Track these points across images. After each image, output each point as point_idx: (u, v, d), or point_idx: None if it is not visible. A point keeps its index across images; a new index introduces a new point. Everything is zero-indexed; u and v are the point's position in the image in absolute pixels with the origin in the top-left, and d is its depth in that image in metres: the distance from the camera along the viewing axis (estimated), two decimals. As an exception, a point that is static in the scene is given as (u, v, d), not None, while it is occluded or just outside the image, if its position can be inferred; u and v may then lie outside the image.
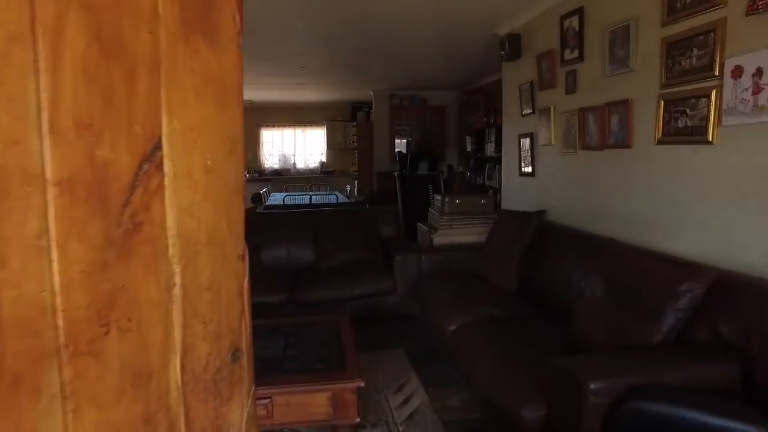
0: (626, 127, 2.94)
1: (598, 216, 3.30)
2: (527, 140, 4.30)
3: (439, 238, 4.27)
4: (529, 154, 4.27)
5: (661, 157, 2.70)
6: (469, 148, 8.24)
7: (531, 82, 4.16)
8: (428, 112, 9.25)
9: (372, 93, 9.11)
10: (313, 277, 3.93)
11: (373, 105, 9.27)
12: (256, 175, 11.06)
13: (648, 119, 2.76)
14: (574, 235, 3.23)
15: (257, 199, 8.47)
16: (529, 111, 4.23)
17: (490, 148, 6.97)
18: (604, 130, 3.17)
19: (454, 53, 5.95)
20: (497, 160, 6.57)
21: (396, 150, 8.68)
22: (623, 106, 2.96)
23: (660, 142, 2.68)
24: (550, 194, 3.99)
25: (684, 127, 2.50)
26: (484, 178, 7.17)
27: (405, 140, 9.06)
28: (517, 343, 2.58)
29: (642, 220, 2.87)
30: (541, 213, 3.49)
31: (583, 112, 3.39)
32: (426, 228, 4.41)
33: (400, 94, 9.11)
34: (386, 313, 3.99)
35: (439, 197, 4.38)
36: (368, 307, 3.91)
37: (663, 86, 2.62)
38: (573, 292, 2.87)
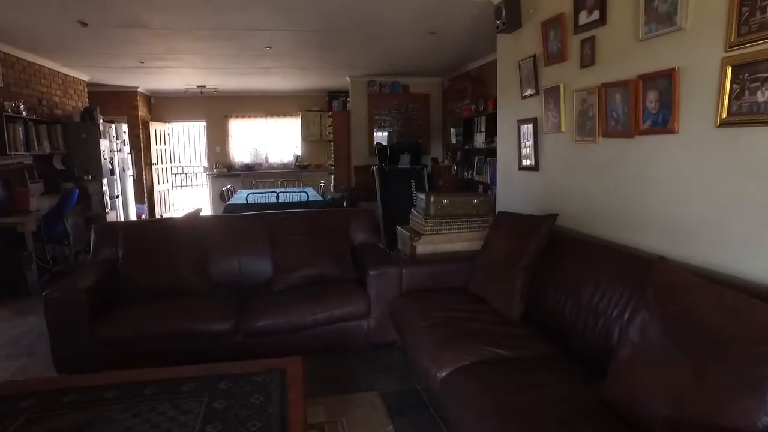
0: (669, 106, 2.21)
1: (628, 222, 2.58)
2: (529, 127, 3.56)
3: (424, 247, 3.52)
4: (531, 143, 3.54)
5: (725, 144, 1.97)
6: (454, 139, 7.51)
7: (534, 57, 3.42)
8: (410, 100, 8.49)
9: (348, 80, 8.31)
10: (267, 298, 3.15)
11: (350, 93, 8.47)
12: (225, 170, 10.21)
13: (704, 94, 2.04)
14: (601, 248, 2.49)
15: (223, 196, 7.64)
16: (532, 92, 3.49)
17: (479, 139, 6.24)
18: (636, 111, 2.44)
19: (439, 28, 5.18)
20: (489, 152, 5.85)
21: (375, 142, 7.90)
22: (665, 78, 2.23)
23: (724, 124, 1.95)
24: (558, 193, 3.27)
25: (765, 102, 1.77)
26: (472, 173, 6.45)
27: (385, 132, 8.29)
28: (532, 400, 1.85)
29: (695, 231, 2.14)
30: (553, 218, 2.75)
31: (605, 89, 2.65)
32: (407, 234, 3.66)
33: (379, 81, 8.34)
34: (358, 341, 3.23)
35: (422, 196, 3.63)
36: (335, 334, 3.15)
37: (731, 46, 1.89)
38: (605, 327, 2.15)
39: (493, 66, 6.47)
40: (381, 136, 8.33)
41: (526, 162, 3.67)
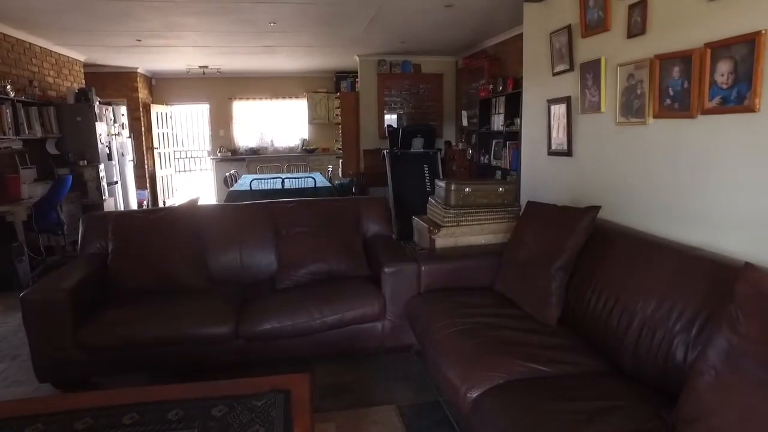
0: (750, 79, 1.84)
1: (685, 217, 2.23)
2: (561, 107, 3.19)
3: (443, 240, 3.18)
4: (564, 125, 3.17)
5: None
6: (467, 121, 7.12)
7: (568, 28, 3.04)
8: (422, 80, 8.07)
9: (357, 59, 7.90)
10: (271, 298, 2.84)
11: (358, 73, 8.06)
12: (229, 154, 9.87)
13: (799, 63, 1.67)
14: (656, 246, 2.14)
15: (227, 182, 7.32)
16: (565, 67, 3.11)
17: (498, 121, 5.85)
18: (700, 86, 2.07)
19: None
20: (508, 136, 5.47)
21: (386, 125, 7.53)
22: (745, 44, 1.85)
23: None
24: (595, 181, 2.91)
25: None
26: (489, 157, 6.07)
27: (396, 114, 7.91)
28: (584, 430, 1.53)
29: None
30: (594, 210, 2.40)
31: (659, 61, 2.28)
32: (425, 225, 3.32)
33: (389, 60, 7.93)
34: (371, 345, 2.93)
35: (442, 183, 3.28)
36: (346, 338, 2.84)
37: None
38: (665, 343, 1.82)
39: (513, 43, 6.10)
40: (391, 118, 7.96)
41: (556, 146, 3.31)
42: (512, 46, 6.15)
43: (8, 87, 5.17)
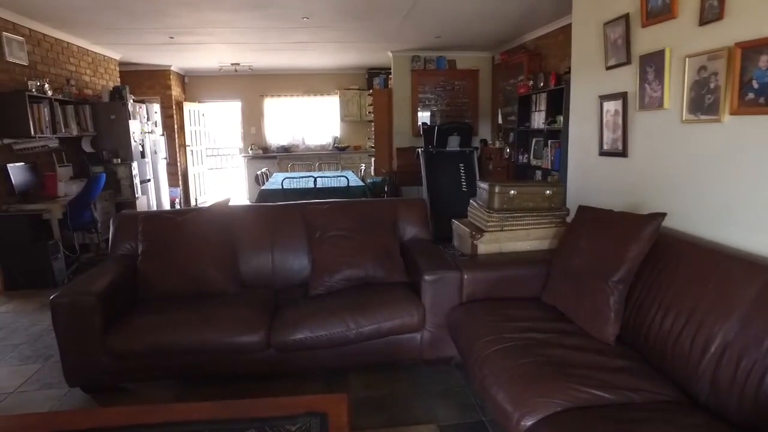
0: None
1: (771, 227, 1.97)
2: (615, 104, 2.94)
3: (486, 245, 2.98)
4: (619, 123, 2.92)
5: None
6: (502, 120, 6.86)
7: (626, 17, 2.79)
8: (457, 76, 7.84)
9: (391, 55, 7.73)
10: (303, 305, 2.70)
11: (392, 69, 7.89)
12: (260, 152, 9.84)
13: None
14: (739, 261, 1.89)
15: (258, 180, 7.27)
16: (621, 61, 2.86)
17: (538, 119, 5.59)
18: (792, 78, 1.82)
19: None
20: (550, 134, 5.21)
21: (420, 122, 7.33)
22: None
23: None
24: (654, 184, 2.67)
25: None
26: (529, 157, 5.81)
27: (429, 111, 7.71)
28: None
29: None
30: (659, 218, 2.17)
31: (742, 50, 2.03)
32: (466, 230, 3.12)
33: (424, 56, 7.72)
34: (409, 357, 2.76)
35: (485, 186, 3.08)
36: (383, 349, 2.68)
37: None
38: (755, 373, 1.59)
39: (555, 36, 5.82)
40: (424, 116, 7.76)
41: (609, 146, 3.06)
42: (554, 39, 5.88)
43: (46, 86, 5.20)
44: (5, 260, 4.61)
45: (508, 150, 6.46)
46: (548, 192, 3.06)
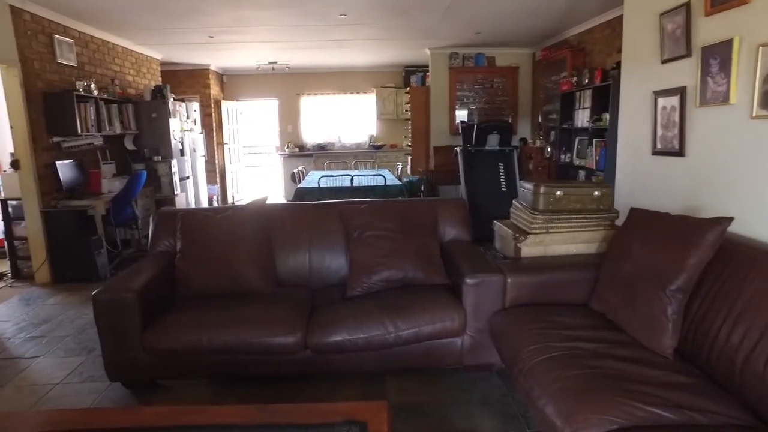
0: None
1: None
2: (672, 99, 2.77)
3: (530, 248, 2.86)
4: (675, 121, 2.75)
5: None
6: (542, 118, 6.65)
7: (686, 5, 2.62)
8: (496, 74, 7.66)
9: (428, 52, 7.61)
10: (341, 307, 2.64)
11: (429, 67, 7.77)
12: (297, 150, 9.90)
13: None
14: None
15: (295, 178, 7.29)
16: (679, 53, 2.69)
17: (582, 117, 5.38)
18: None
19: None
20: (595, 132, 5.01)
21: (458, 121, 7.20)
22: None
23: None
24: (718, 186, 2.49)
25: None
26: (572, 156, 5.61)
27: (467, 109, 7.56)
28: None
29: None
30: (724, 222, 2.00)
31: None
32: (509, 231, 3.00)
33: (462, 53, 7.58)
34: (449, 362, 2.67)
35: (529, 186, 2.95)
36: (422, 354, 2.60)
37: None
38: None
39: (600, 30, 5.58)
40: (461, 114, 7.62)
41: (664, 145, 2.89)
42: (599, 34, 5.65)
43: (92, 86, 5.33)
44: (53, 254, 4.75)
45: (549, 149, 6.26)
46: (597, 193, 2.91)
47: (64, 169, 4.87)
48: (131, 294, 2.45)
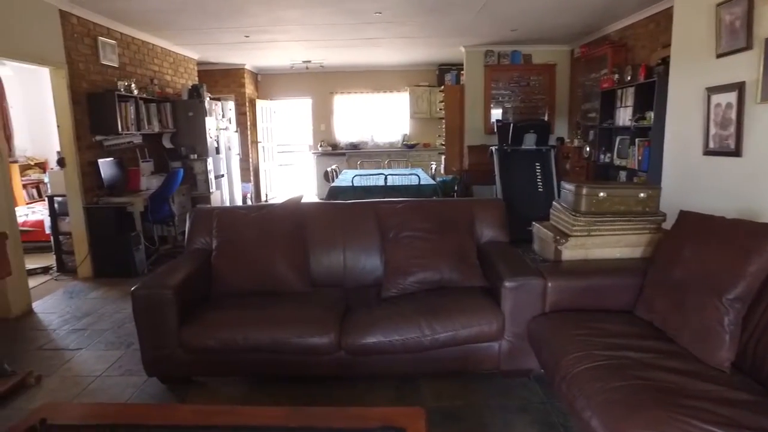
0: None
1: None
2: (728, 96, 2.62)
3: (571, 251, 2.76)
4: (731, 118, 2.60)
5: None
6: (581, 116, 6.45)
7: (745, -5, 2.46)
8: (533, 71, 7.49)
9: (463, 50, 7.51)
10: (376, 308, 2.61)
11: (464, 65, 7.67)
12: (329, 148, 9.93)
13: None
14: None
15: (328, 176, 7.30)
16: (738, 46, 2.54)
17: (623, 115, 5.19)
18: None
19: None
20: (638, 132, 4.83)
21: (494, 120, 7.07)
22: None
23: None
24: (776, 188, 2.33)
25: None
26: (612, 156, 5.42)
27: (501, 108, 7.42)
28: None
29: None
30: (789, 227, 1.87)
31: None
32: (549, 233, 2.91)
33: (498, 51, 7.45)
34: (485, 367, 2.60)
35: (571, 187, 2.85)
36: (458, 357, 2.54)
37: None
38: None
39: (644, 25, 5.37)
40: (496, 113, 7.49)
41: (717, 144, 2.74)
42: (643, 29, 5.44)
43: (133, 86, 5.46)
44: (95, 249, 4.88)
45: (587, 149, 6.07)
46: (642, 195, 2.78)
47: (106, 166, 5.00)
48: (168, 291, 2.47)
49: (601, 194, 2.76)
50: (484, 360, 2.57)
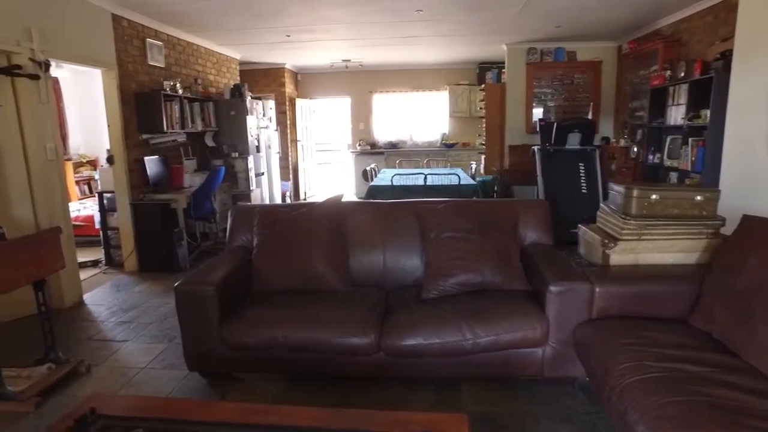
0: None
1: None
2: (795, 93, 2.44)
3: (620, 256, 2.64)
4: (799, 117, 2.42)
5: None
6: (627, 115, 6.20)
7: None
8: (577, 69, 7.27)
9: (505, 48, 7.36)
10: (416, 309, 2.56)
11: (506, 63, 7.52)
12: (368, 147, 9.94)
13: None
14: None
15: (366, 175, 7.31)
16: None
17: (675, 114, 4.96)
18: None
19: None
20: (692, 131, 4.60)
21: (536, 119, 6.90)
22: None
23: None
24: None
25: None
26: (662, 156, 5.19)
27: (542, 107, 7.24)
28: None
29: None
30: None
31: None
32: (596, 236, 2.79)
33: (540, 48, 7.26)
34: (528, 374, 2.52)
35: (620, 189, 2.72)
36: (499, 362, 2.47)
37: None
38: None
39: (701, 18, 5.08)
40: (537, 112, 7.31)
41: (783, 144, 2.56)
42: (699, 21, 5.18)
43: (178, 85, 5.60)
44: (140, 244, 5.03)
45: (635, 149, 5.84)
46: (699, 198, 2.63)
47: (151, 164, 5.14)
48: (210, 288, 2.50)
49: (654, 196, 2.63)
50: (527, 366, 2.49)
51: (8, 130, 3.74)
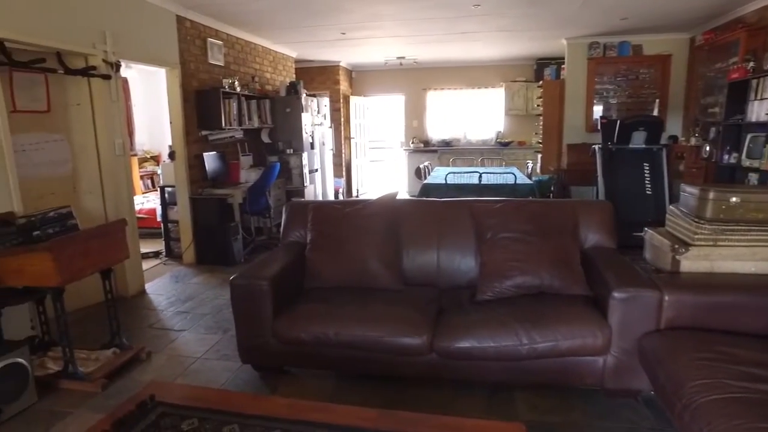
0: None
1: None
2: None
3: (693, 263, 2.45)
4: None
5: None
6: (699, 111, 5.80)
7: None
8: (643, 63, 6.90)
9: (565, 43, 7.09)
10: (470, 311, 2.49)
11: (565, 58, 7.24)
12: (421, 145, 9.87)
13: None
14: None
15: (419, 173, 7.24)
16: None
17: (758, 110, 4.59)
18: None
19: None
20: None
21: (600, 116, 6.60)
22: None
23: None
24: None
25: None
26: (740, 156, 4.82)
27: (603, 104, 6.92)
28: None
29: None
30: None
31: None
32: (665, 241, 2.61)
33: (603, 43, 6.94)
34: (587, 383, 2.39)
35: (694, 191, 2.54)
36: (557, 369, 2.36)
37: None
38: None
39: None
40: (597, 109, 6.99)
41: None
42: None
43: (236, 83, 5.75)
44: (198, 237, 5.20)
45: (707, 148, 5.46)
46: (785, 201, 2.41)
47: (210, 160, 5.30)
48: (265, 282, 2.53)
49: (733, 199, 2.43)
50: (586, 375, 2.37)
51: (84, 128, 3.97)
